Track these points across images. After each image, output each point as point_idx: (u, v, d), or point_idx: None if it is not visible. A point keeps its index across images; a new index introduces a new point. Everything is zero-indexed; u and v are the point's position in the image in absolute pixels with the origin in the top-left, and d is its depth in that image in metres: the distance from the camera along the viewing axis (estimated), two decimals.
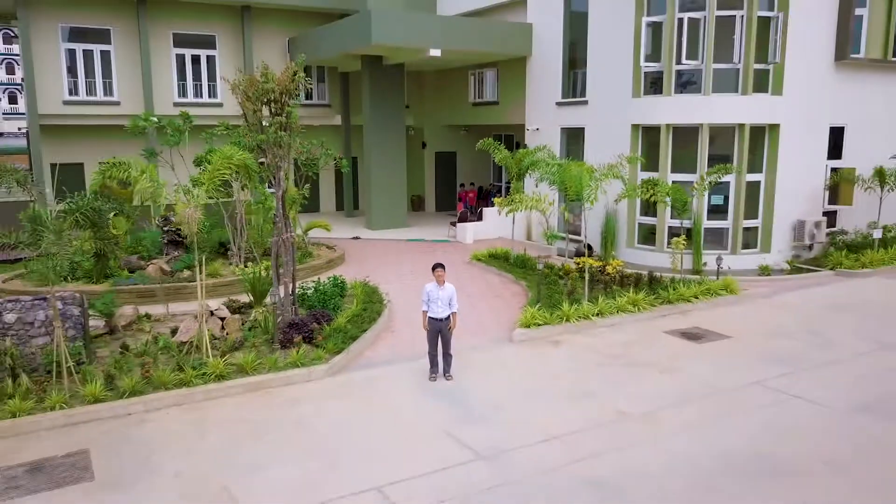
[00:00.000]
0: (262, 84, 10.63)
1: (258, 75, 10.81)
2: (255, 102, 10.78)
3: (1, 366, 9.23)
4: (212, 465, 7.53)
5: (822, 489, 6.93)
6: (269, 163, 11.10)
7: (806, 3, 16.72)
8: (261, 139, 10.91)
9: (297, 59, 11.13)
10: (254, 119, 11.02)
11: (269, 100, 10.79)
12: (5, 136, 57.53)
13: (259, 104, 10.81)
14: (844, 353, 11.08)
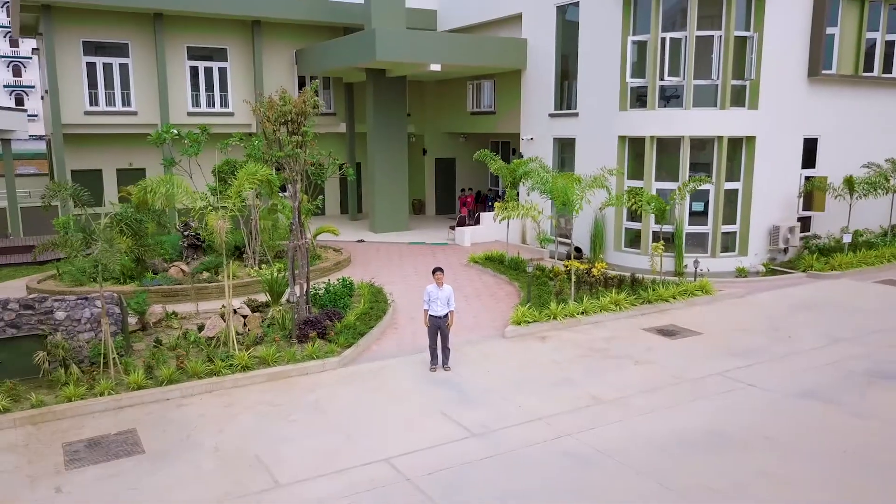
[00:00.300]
0: (281, 107, 11.91)
1: (276, 97, 12.08)
2: (274, 123, 12.06)
3: (54, 357, 10.53)
4: (244, 441, 8.82)
5: (760, 459, 8.22)
6: (287, 176, 12.39)
7: (780, 23, 17.99)
8: (279, 155, 12.19)
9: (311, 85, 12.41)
10: (273, 137, 12.30)
11: (287, 120, 12.07)
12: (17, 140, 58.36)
13: (277, 124, 12.09)
14: (800, 347, 12.37)
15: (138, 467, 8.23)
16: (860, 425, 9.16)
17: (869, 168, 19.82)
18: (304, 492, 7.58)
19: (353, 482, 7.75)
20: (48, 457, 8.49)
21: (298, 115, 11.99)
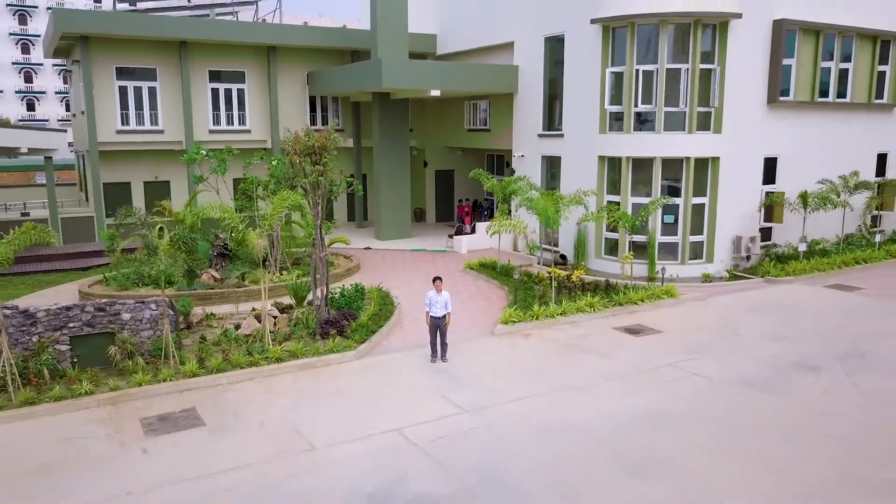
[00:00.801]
0: (306, 142, 14.20)
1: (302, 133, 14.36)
2: (300, 155, 14.34)
3: (123, 351, 12.83)
4: (284, 417, 11.12)
5: (694, 433, 10.50)
6: (311, 200, 14.68)
7: (740, 56, 20.28)
8: (304, 182, 14.48)
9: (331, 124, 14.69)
10: (299, 167, 14.59)
11: (311, 152, 14.36)
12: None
13: (303, 156, 14.37)
14: (743, 343, 14.68)
15: (203, 436, 10.53)
16: (777, 405, 11.45)
17: (823, 184, 22.14)
18: (335, 452, 9.87)
19: (372, 446, 10.05)
20: (130, 428, 10.79)
21: (320, 149, 14.28)
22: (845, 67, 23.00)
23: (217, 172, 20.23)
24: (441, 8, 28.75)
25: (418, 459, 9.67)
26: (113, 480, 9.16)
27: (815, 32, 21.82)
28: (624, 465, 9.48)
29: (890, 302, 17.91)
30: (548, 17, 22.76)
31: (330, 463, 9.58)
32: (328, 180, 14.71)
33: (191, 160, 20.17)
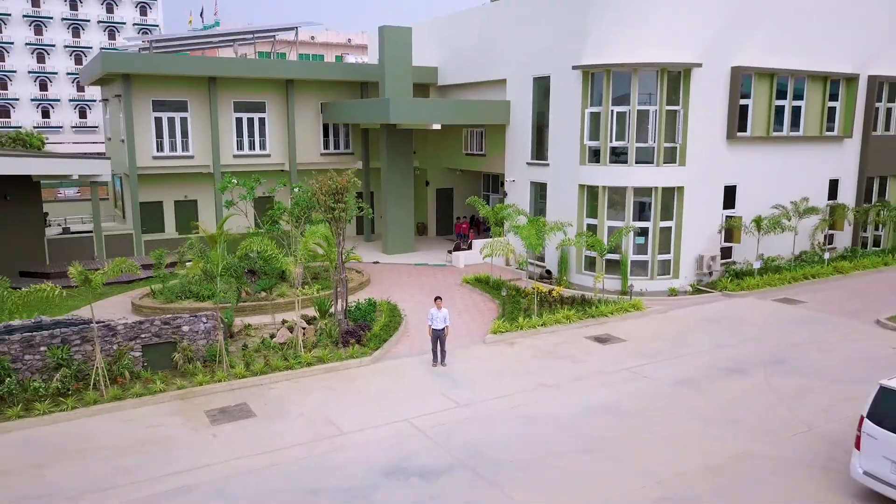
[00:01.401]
0: (331, 184, 17.27)
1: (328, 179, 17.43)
2: (326, 195, 17.41)
3: (184, 357, 15.91)
4: (318, 409, 14.19)
5: (637, 420, 13.57)
6: (334, 229, 17.75)
7: (701, 98, 23.33)
8: (328, 216, 17.55)
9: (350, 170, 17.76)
10: (324, 204, 17.63)
11: (335, 192, 17.42)
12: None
13: (328, 195, 17.44)
14: (691, 350, 17.76)
15: (256, 424, 13.60)
16: (704, 400, 14.54)
17: (777, 209, 25.20)
18: (360, 435, 12.96)
19: (387, 431, 13.12)
20: (198, 418, 13.86)
21: (342, 190, 17.35)
22: (798, 105, 26.05)
23: (246, 199, 23.31)
24: (441, 44, 31.79)
25: (422, 441, 12.74)
26: (194, 456, 12.24)
27: (770, 76, 24.88)
28: (580, 443, 12.55)
29: (825, 314, 20.98)
30: (536, 60, 25.81)
31: (356, 444, 12.66)
32: (348, 215, 17.78)
33: (223, 188, 23.23)
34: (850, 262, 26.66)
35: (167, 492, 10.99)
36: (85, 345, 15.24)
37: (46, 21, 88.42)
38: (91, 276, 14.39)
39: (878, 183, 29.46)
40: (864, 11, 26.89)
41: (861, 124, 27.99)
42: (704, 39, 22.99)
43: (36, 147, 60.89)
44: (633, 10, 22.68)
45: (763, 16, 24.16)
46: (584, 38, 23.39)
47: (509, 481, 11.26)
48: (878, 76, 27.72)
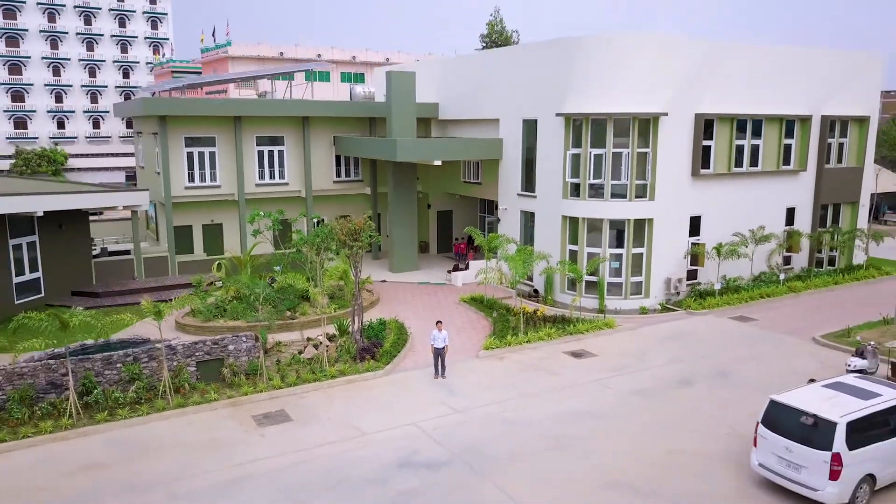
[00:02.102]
0: (350, 226, 20.73)
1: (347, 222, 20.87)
2: (346, 234, 20.86)
3: (231, 371, 19.37)
4: (342, 415, 17.66)
5: (600, 423, 17.03)
6: (351, 262, 21.21)
7: (668, 141, 26.77)
8: (347, 253, 21.02)
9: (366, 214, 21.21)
10: (344, 242, 21.07)
11: (353, 232, 20.88)
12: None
13: (347, 235, 20.88)
14: (651, 364, 21.22)
15: (294, 426, 17.07)
16: (655, 407, 17.99)
17: (736, 236, 28.64)
18: (378, 436, 16.42)
19: (400, 433, 16.59)
20: (247, 421, 17.33)
21: (359, 231, 20.81)
22: (757, 143, 29.53)
23: (271, 229, 26.79)
24: (442, 82, 35.23)
25: (427, 440, 16.22)
26: (248, 452, 15.72)
27: (730, 119, 28.35)
28: (551, 442, 16.02)
29: (772, 332, 24.44)
30: (525, 105, 29.25)
31: (374, 442, 16.13)
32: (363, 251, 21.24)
33: (252, 220, 26.69)
34: (803, 282, 30.14)
35: (235, 479, 14.47)
36: (151, 361, 18.72)
37: (62, 35, 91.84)
38: (162, 308, 17.86)
39: (831, 210, 32.92)
40: (814, 62, 30.37)
41: (815, 158, 31.45)
42: (670, 92, 26.44)
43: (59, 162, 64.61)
44: (608, 67, 26.14)
45: (722, 70, 27.62)
46: (566, 90, 26.84)
47: (495, 471, 14.74)
48: (829, 116, 31.19)
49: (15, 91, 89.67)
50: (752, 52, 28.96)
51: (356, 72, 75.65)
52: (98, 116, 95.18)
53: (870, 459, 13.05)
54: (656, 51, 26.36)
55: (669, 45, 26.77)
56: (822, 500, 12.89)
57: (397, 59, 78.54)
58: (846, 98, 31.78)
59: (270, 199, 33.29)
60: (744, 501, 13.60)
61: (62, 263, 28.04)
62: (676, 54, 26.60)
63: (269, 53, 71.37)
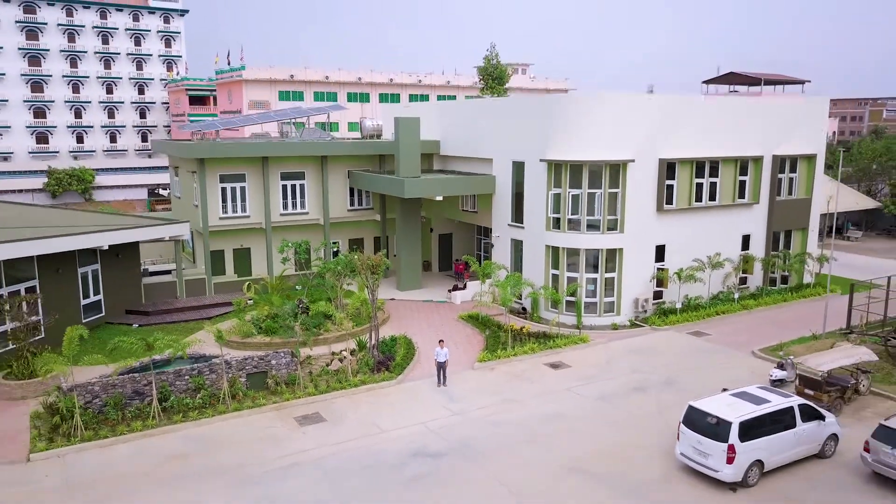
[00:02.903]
0: (369, 262, 25.48)
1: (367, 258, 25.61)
2: (365, 268, 25.60)
3: (274, 381, 24.10)
4: (365, 416, 22.40)
5: (569, 422, 21.77)
6: (369, 290, 25.96)
7: (635, 182, 31.46)
8: (366, 284, 25.75)
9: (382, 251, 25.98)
10: (365, 273, 25.80)
11: (372, 266, 25.62)
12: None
13: (367, 268, 25.62)
14: (614, 374, 25.95)
15: (328, 426, 21.81)
16: (613, 410, 22.72)
17: (696, 261, 33.34)
18: (394, 433, 21.17)
19: (411, 430, 21.33)
20: (290, 422, 22.06)
21: (377, 266, 25.54)
22: (714, 181, 34.25)
23: (300, 257, 31.53)
24: (443, 122, 39.97)
25: (432, 436, 20.96)
26: (294, 445, 20.45)
27: (690, 162, 33.08)
28: (528, 438, 20.76)
29: (720, 345, 29.15)
30: (514, 149, 33.99)
31: (391, 438, 20.87)
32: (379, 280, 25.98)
33: (282, 249, 31.45)
34: (756, 300, 34.88)
35: (288, 465, 19.22)
36: (212, 374, 23.47)
37: (81, 54, 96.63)
38: (223, 335, 22.61)
39: (783, 236, 37.65)
40: (766, 109, 35.10)
41: (767, 192, 36.18)
42: (636, 141, 31.17)
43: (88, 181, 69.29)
44: (583, 121, 30.88)
45: (682, 121, 32.36)
46: (548, 139, 31.59)
47: (483, 460, 19.49)
48: (780, 155, 35.92)
49: (37, 108, 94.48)
50: (709, 104, 33.71)
51: (361, 91, 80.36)
52: (115, 130, 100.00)
53: (758, 449, 17.79)
54: (623, 107, 31.11)
55: (634, 101, 31.54)
56: (722, 479, 17.64)
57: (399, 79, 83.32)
58: (795, 139, 36.51)
59: (293, 227, 38.06)
60: (668, 482, 18.35)
61: (118, 286, 32.77)
62: (641, 109, 31.36)
63: (281, 76, 76.08)
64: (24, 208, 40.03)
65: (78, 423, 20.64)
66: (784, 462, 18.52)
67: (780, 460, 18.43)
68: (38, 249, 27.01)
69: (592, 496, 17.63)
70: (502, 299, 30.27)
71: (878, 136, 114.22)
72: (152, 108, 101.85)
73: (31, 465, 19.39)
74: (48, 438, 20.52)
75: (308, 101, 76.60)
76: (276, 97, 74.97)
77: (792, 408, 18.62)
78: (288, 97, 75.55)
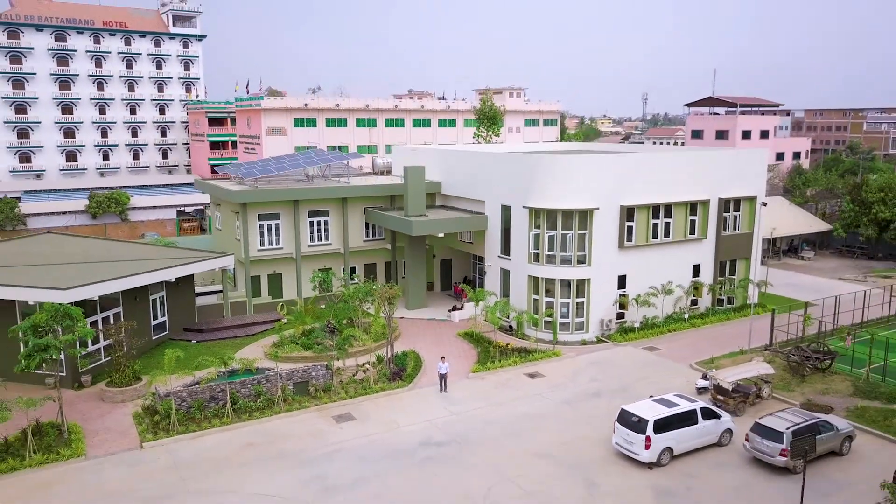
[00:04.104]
0: (387, 292, 32.73)
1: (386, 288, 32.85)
2: (383, 298, 32.84)
3: (314, 389, 31.35)
4: (385, 415, 29.66)
5: (537, 421, 29.03)
6: (386, 315, 33.24)
7: (600, 225, 38.59)
8: (383, 310, 33.01)
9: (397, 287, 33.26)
10: (383, 302, 33.03)
11: (389, 297, 32.87)
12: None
13: (385, 298, 32.86)
14: (578, 383, 33.20)
15: (357, 423, 29.08)
16: (573, 412, 29.99)
17: (652, 288, 40.56)
18: (407, 427, 28.42)
19: (420, 426, 28.60)
20: (329, 420, 29.30)
21: (392, 296, 32.80)
22: (668, 221, 41.48)
23: (327, 287, 38.79)
24: (442, 167, 47.24)
25: (436, 430, 28.23)
26: (335, 436, 27.73)
27: (647, 207, 40.30)
28: (507, 433, 28.03)
29: (667, 359, 36.37)
30: (502, 195, 41.22)
31: (405, 432, 28.14)
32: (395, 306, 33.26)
33: (313, 280, 38.69)
34: (703, 319, 42.14)
35: (332, 451, 26.50)
36: (267, 383, 30.71)
37: (107, 78, 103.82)
38: (279, 352, 29.89)
39: (728, 264, 44.87)
40: (713, 161, 42.35)
41: (714, 228, 43.40)
42: (602, 193, 38.40)
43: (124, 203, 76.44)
44: (558, 177, 38.11)
45: (640, 174, 39.61)
46: (529, 190, 38.84)
47: (475, 447, 26.77)
48: (724, 198, 43.15)
49: (67, 128, 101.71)
50: (664, 158, 40.99)
51: (369, 117, 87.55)
52: (138, 148, 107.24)
53: (668, 439, 25.03)
54: (590, 167, 38.37)
55: (599, 161, 38.83)
56: (642, 460, 24.90)
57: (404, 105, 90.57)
58: (738, 184, 43.74)
59: (318, 255, 45.34)
60: (606, 463, 25.60)
61: (178, 307, 40.04)
62: (605, 168, 38.63)
63: (295, 105, 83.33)
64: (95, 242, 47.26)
65: (174, 420, 27.92)
66: (689, 449, 25.79)
67: (686, 447, 25.69)
68: (129, 284, 34.34)
69: (551, 472, 24.90)
70: (492, 321, 37.48)
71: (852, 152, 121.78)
72: (172, 126, 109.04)
73: (144, 452, 26.69)
74: (152, 432, 27.82)
75: (320, 126, 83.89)
76: (291, 123, 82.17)
77: (695, 410, 25.89)
78: (302, 123, 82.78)
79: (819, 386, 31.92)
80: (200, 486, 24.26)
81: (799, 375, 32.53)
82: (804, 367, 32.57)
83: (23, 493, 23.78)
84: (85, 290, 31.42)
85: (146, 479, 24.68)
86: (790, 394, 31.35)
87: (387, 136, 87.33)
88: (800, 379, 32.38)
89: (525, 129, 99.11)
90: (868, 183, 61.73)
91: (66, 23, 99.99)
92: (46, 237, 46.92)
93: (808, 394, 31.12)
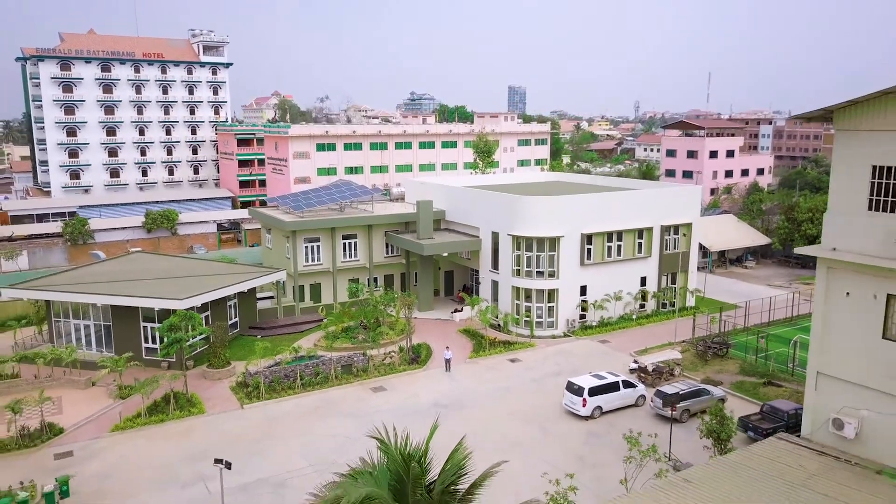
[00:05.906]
0: (406, 300, 45.28)
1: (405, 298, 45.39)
2: (403, 304, 45.37)
3: (356, 370, 43.92)
4: (408, 388, 42.27)
5: (514, 392, 41.64)
6: (407, 317, 45.80)
7: (565, 248, 51.15)
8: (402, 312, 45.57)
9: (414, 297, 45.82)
10: (404, 308, 45.57)
11: (408, 303, 45.40)
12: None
13: (404, 305, 45.38)
14: (545, 366, 45.75)
15: (389, 393, 41.70)
16: (540, 388, 42.56)
17: (606, 295, 53.04)
18: (423, 396, 41.01)
19: (432, 395, 41.20)
20: (368, 391, 41.89)
21: (411, 303, 45.34)
22: (620, 244, 53.99)
23: (359, 295, 51.39)
24: (446, 199, 59.80)
25: (443, 397, 40.81)
26: (374, 402, 40.34)
27: (603, 234, 52.77)
28: (492, 399, 40.61)
29: (614, 350, 48.84)
30: (492, 223, 53.77)
31: (422, 399, 40.74)
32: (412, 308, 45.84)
33: (351, 292, 51.30)
34: (648, 319, 54.67)
35: (374, 411, 39.01)
36: (322, 365, 43.25)
37: (146, 103, 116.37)
38: (332, 344, 42.59)
39: (669, 276, 57.36)
40: (657, 196, 54.93)
41: (658, 248, 55.88)
42: (567, 224, 50.92)
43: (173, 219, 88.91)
44: (535, 212, 50.66)
45: (598, 210, 52.15)
46: (512, 221, 51.39)
47: (469, 409, 39.38)
48: (666, 225, 55.66)
49: (111, 148, 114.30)
50: (616, 197, 53.56)
51: (381, 141, 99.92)
52: (172, 165, 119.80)
53: (598, 401, 37.57)
54: (558, 206, 50.89)
55: (565, 201, 51.39)
56: (581, 415, 37.47)
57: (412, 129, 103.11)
58: (677, 213, 56.23)
59: (348, 269, 57.90)
60: (558, 418, 38.15)
61: (245, 309, 52.66)
62: (569, 206, 51.19)
63: (318, 132, 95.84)
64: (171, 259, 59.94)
65: (262, 391, 40.53)
66: (613, 407, 38.32)
67: (611, 406, 38.23)
68: (220, 294, 47.00)
69: (518, 423, 37.45)
70: (484, 320, 50.05)
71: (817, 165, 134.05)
72: (203, 145, 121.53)
73: (244, 411, 39.34)
74: (248, 398, 40.43)
75: (339, 150, 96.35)
76: (314, 148, 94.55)
77: (618, 381, 38.44)
78: (323, 148, 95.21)
79: (717, 367, 44.49)
80: (288, 430, 36.91)
81: (703, 360, 45.07)
82: (707, 353, 45.12)
83: (173, 434, 36.46)
84: (194, 299, 44.07)
85: (251, 427, 37.34)
86: (695, 373, 43.89)
87: (396, 158, 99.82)
88: (703, 362, 44.92)
89: (518, 149, 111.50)
90: (799, 205, 74.15)
91: (111, 55, 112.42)
92: (134, 256, 59.65)
93: (708, 373, 43.68)
